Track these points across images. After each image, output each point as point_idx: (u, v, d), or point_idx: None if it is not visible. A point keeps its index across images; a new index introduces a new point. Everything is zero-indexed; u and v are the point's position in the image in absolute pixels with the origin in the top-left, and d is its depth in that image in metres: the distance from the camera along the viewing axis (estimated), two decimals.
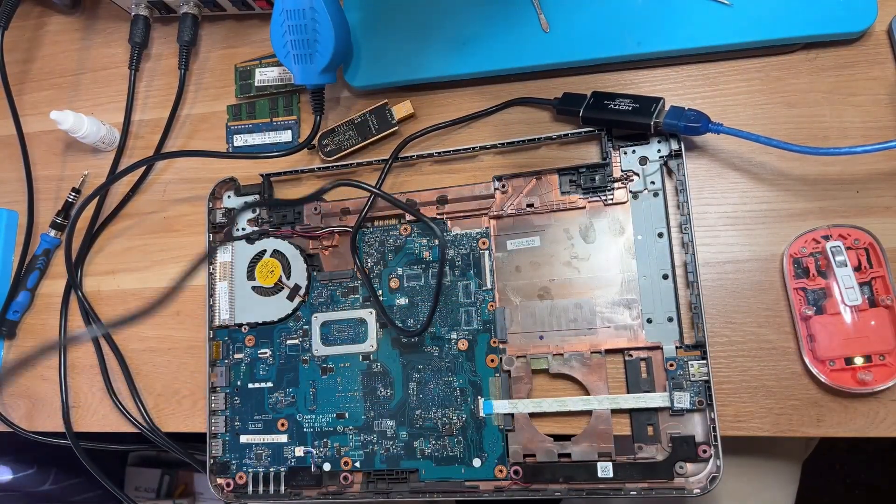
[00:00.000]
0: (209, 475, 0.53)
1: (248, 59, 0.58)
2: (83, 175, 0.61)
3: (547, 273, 0.49)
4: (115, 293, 0.59)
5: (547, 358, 0.48)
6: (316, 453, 0.51)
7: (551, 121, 0.52)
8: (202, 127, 0.60)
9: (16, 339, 0.61)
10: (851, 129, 0.47)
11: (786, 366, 0.45)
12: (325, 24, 0.48)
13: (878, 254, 0.43)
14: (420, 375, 0.50)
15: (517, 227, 0.50)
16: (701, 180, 0.48)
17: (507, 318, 0.49)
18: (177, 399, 0.56)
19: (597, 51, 0.49)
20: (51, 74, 0.65)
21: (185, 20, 0.59)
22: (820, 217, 0.46)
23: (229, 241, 0.55)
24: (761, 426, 0.45)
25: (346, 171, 0.54)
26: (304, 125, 0.57)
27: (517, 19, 0.50)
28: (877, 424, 0.43)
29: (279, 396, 0.52)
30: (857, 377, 0.43)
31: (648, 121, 0.46)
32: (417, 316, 0.51)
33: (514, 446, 0.47)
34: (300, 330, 0.53)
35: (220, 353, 0.54)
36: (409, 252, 0.52)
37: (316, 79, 0.50)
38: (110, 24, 0.64)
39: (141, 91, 0.62)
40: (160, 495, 0.92)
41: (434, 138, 0.54)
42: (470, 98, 0.54)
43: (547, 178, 0.50)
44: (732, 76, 0.49)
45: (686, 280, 0.46)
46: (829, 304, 0.44)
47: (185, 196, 0.59)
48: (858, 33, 0.46)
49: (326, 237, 0.54)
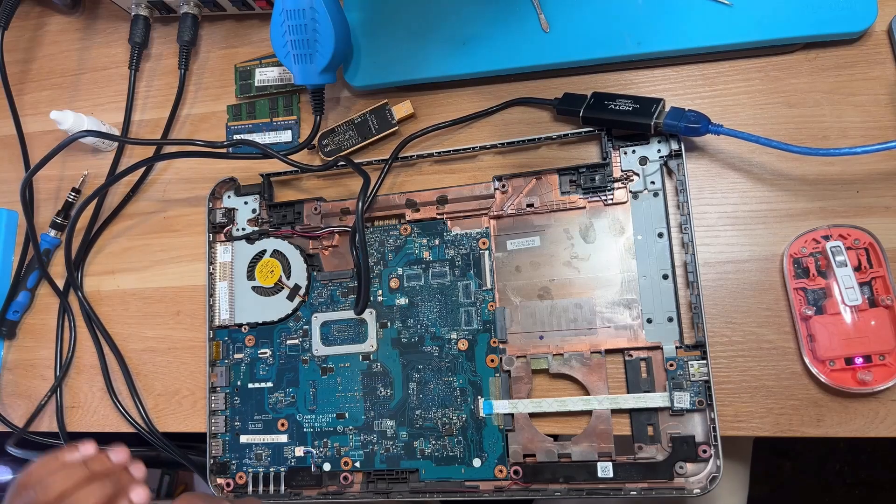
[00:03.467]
0: (209, 475, 0.53)
1: (248, 59, 0.58)
2: (83, 175, 0.61)
3: (547, 273, 0.49)
4: (115, 293, 0.59)
5: (547, 358, 0.48)
6: (316, 453, 0.51)
7: (551, 121, 0.52)
8: (202, 127, 0.60)
9: (16, 339, 0.61)
10: (851, 129, 0.47)
11: (786, 366, 0.45)
12: (325, 24, 0.48)
13: (878, 254, 0.43)
14: (420, 375, 0.50)
15: (517, 227, 0.50)
16: (701, 180, 0.48)
17: (507, 318, 0.49)
18: (177, 399, 0.56)
19: (597, 51, 0.49)
20: (51, 74, 0.65)
21: (185, 20, 0.59)
22: (820, 217, 0.46)
23: (230, 240, 0.55)
24: (761, 426, 0.45)
25: (347, 170, 0.54)
26: (304, 125, 0.57)
27: (517, 19, 0.50)
28: (877, 424, 0.43)
29: (279, 396, 0.52)
30: (857, 377, 0.43)
31: (649, 121, 0.46)
32: (417, 316, 0.51)
33: (514, 446, 0.47)
34: (300, 330, 0.53)
35: (220, 353, 0.54)
36: (408, 252, 0.52)
37: (316, 79, 0.50)
38: (110, 24, 0.64)
39: (141, 91, 0.62)
40: (160, 495, 0.92)
41: (434, 138, 0.54)
42: (470, 98, 0.54)
43: (547, 178, 0.50)
44: (732, 76, 0.49)
45: (686, 280, 0.46)
46: (829, 304, 0.44)
47: (185, 196, 0.59)
48: (858, 33, 0.46)
49: (326, 237, 0.54)
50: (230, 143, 0.53)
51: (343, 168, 0.54)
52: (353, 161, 0.52)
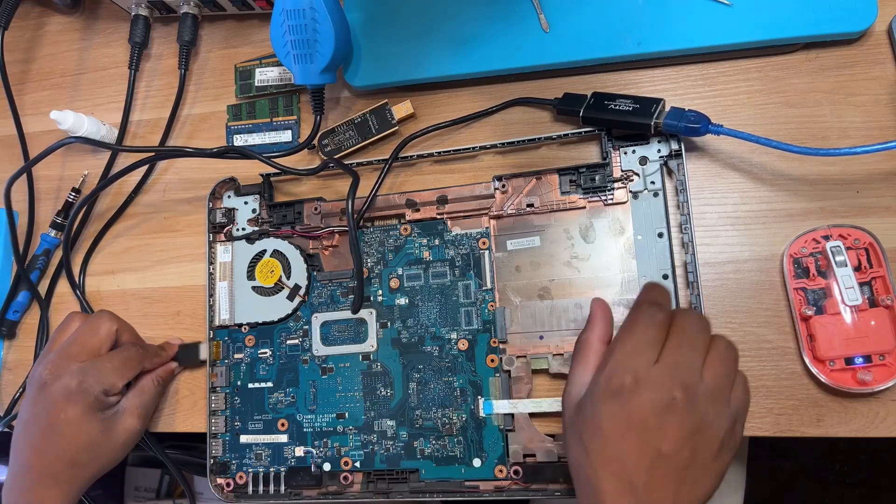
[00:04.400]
0: (209, 475, 0.53)
1: (248, 59, 0.58)
2: (83, 175, 0.61)
3: (547, 273, 0.49)
4: (115, 293, 0.59)
5: (547, 358, 0.48)
6: (316, 453, 0.51)
7: (551, 121, 0.52)
8: (202, 127, 0.60)
9: (16, 339, 0.61)
10: (851, 129, 0.47)
11: (786, 366, 0.45)
12: (325, 24, 0.48)
13: (878, 254, 0.43)
14: (420, 375, 0.50)
15: (517, 227, 0.50)
16: (701, 180, 0.48)
17: (508, 318, 0.49)
18: (176, 399, 0.56)
19: (597, 51, 0.49)
20: (51, 74, 0.65)
21: (185, 20, 0.59)
22: (820, 217, 0.46)
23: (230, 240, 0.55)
24: (761, 426, 0.45)
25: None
26: (304, 125, 0.57)
27: (517, 19, 0.50)
28: (877, 424, 0.43)
29: (279, 396, 0.52)
30: (857, 377, 0.43)
31: (649, 121, 0.46)
32: (417, 316, 0.51)
33: (514, 446, 0.47)
34: (300, 330, 0.53)
35: (220, 353, 0.54)
36: (409, 252, 0.52)
37: (316, 79, 0.50)
38: (110, 24, 0.64)
39: (141, 91, 0.62)
40: (160, 495, 0.92)
41: (434, 138, 0.54)
42: (470, 98, 0.54)
43: (547, 178, 0.50)
44: (732, 76, 0.49)
45: (686, 280, 0.46)
46: (829, 304, 0.44)
47: (185, 196, 0.59)
48: (858, 33, 0.46)
49: (326, 237, 0.54)
50: (219, 151, 0.53)
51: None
52: (341, 161, 0.52)
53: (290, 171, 0.53)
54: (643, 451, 0.35)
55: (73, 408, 0.47)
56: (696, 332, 0.37)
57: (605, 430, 0.36)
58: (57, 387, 0.47)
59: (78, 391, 0.47)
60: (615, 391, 0.36)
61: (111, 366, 0.49)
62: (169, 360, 0.54)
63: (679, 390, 0.34)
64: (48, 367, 0.48)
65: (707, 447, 0.35)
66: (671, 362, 0.35)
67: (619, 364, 0.36)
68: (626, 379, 0.35)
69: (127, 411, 0.50)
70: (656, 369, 0.35)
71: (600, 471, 0.35)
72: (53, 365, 0.48)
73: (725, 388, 0.36)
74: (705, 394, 0.35)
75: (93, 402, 0.48)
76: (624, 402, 0.35)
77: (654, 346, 0.36)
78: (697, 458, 0.35)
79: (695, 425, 0.35)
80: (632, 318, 0.38)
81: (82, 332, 0.51)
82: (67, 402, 0.47)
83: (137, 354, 0.51)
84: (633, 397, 0.35)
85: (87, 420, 0.47)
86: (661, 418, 0.34)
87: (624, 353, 0.37)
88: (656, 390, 0.35)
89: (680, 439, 0.34)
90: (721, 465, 0.36)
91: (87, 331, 0.50)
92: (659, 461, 0.34)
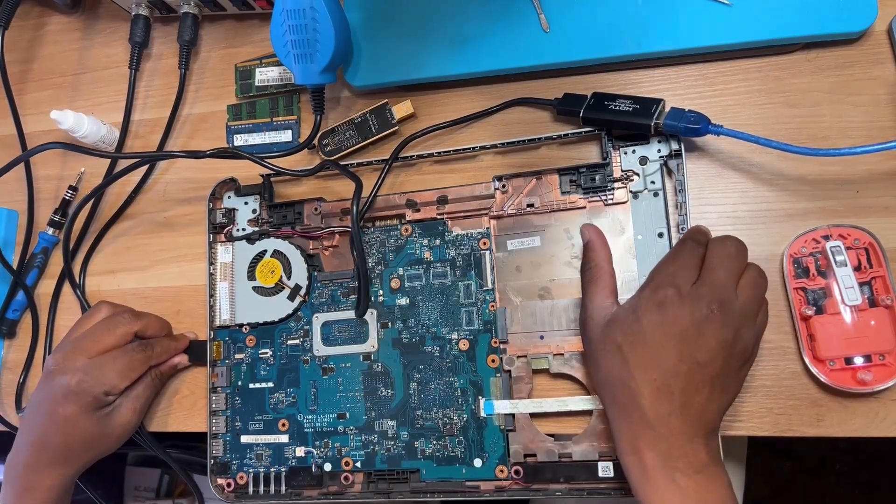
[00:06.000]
0: (210, 475, 0.53)
1: (249, 59, 0.58)
2: (79, 172, 0.61)
3: (547, 273, 0.49)
4: (116, 293, 0.59)
5: (548, 358, 0.48)
6: (317, 453, 0.51)
7: (551, 121, 0.52)
8: (202, 126, 0.60)
9: (16, 339, 0.61)
10: (851, 129, 0.47)
11: (786, 366, 0.45)
12: (326, 24, 0.48)
13: (878, 254, 0.43)
14: (421, 375, 0.50)
15: (517, 227, 0.50)
16: (701, 180, 0.48)
17: (508, 318, 0.49)
18: (177, 399, 0.56)
19: (597, 51, 0.49)
20: (51, 74, 0.65)
21: (186, 20, 0.59)
22: (820, 217, 0.46)
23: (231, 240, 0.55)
24: (761, 426, 0.45)
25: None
26: (305, 125, 0.57)
27: (517, 19, 0.50)
28: (877, 424, 0.43)
29: (280, 397, 0.53)
30: (857, 377, 0.43)
31: (649, 122, 0.46)
32: (418, 316, 0.51)
33: (514, 446, 0.47)
34: (301, 330, 0.53)
35: (221, 354, 0.54)
36: (409, 252, 0.52)
37: (316, 79, 0.50)
38: (110, 23, 0.64)
39: (141, 91, 0.62)
40: (160, 495, 0.92)
41: (434, 138, 0.54)
42: (470, 98, 0.54)
43: (547, 178, 0.50)
44: (732, 76, 0.49)
45: None
46: (829, 304, 0.44)
47: (185, 196, 0.59)
48: (858, 33, 0.46)
49: (327, 237, 0.54)
50: (212, 153, 0.53)
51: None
52: (343, 166, 0.52)
53: (285, 171, 0.53)
54: (681, 358, 0.38)
55: (70, 406, 0.48)
56: (732, 255, 0.40)
57: (647, 339, 0.39)
58: (58, 381, 0.48)
59: (76, 391, 0.48)
60: (659, 303, 0.39)
61: (114, 367, 0.49)
62: (179, 351, 0.55)
63: (716, 305, 0.38)
64: (57, 357, 0.50)
65: (735, 358, 0.39)
66: (709, 280, 0.39)
67: (664, 280, 0.40)
68: (670, 293, 0.39)
69: (124, 407, 0.51)
70: (696, 286, 0.39)
71: (639, 377, 0.39)
72: (63, 356, 0.49)
73: (755, 308, 0.40)
74: (739, 311, 0.38)
75: (90, 401, 0.48)
76: (666, 313, 0.39)
77: (695, 268, 0.40)
78: (727, 367, 0.38)
79: (728, 338, 0.38)
80: (676, 248, 0.42)
81: (100, 328, 0.51)
82: (66, 399, 0.48)
83: (143, 356, 0.51)
84: (676, 309, 0.38)
85: (84, 418, 0.49)
86: (698, 329, 0.38)
87: (668, 273, 0.40)
88: (696, 304, 0.38)
89: (714, 349, 0.38)
90: (743, 375, 0.40)
91: (104, 328, 0.51)
92: (695, 368, 0.38)
